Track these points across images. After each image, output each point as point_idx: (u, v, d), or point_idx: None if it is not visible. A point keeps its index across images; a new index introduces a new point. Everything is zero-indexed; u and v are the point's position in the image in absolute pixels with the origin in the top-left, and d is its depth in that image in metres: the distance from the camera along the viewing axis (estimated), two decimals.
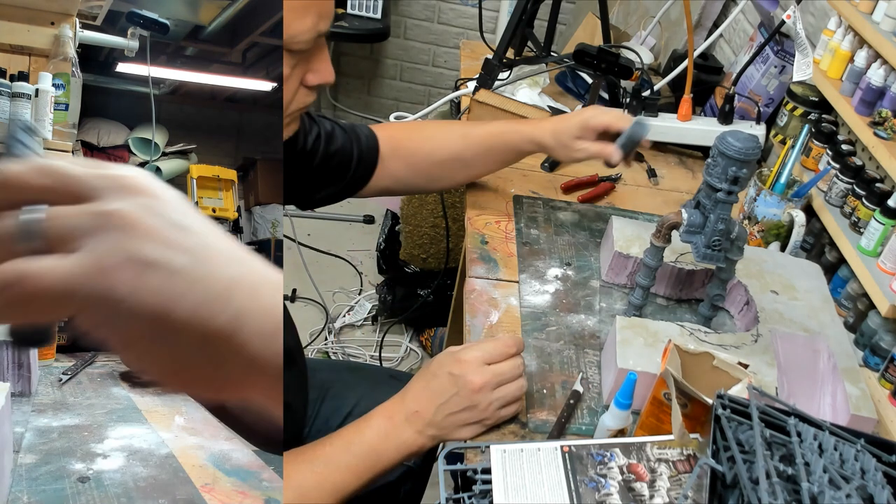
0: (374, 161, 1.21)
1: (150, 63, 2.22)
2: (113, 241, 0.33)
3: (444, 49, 3.24)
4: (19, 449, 0.73)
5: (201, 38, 3.12)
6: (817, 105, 1.45)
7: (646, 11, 2.03)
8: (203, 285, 0.34)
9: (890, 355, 1.08)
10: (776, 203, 1.30)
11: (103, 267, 0.33)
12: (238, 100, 4.17)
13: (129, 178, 0.36)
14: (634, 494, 0.70)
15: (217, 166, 3.75)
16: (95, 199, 0.35)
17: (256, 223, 4.02)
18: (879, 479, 0.62)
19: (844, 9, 1.32)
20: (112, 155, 3.76)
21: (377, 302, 2.52)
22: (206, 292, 0.34)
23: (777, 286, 1.15)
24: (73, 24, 1.92)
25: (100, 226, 0.34)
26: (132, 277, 0.33)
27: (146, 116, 3.16)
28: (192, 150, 3.96)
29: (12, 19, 1.85)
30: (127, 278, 0.33)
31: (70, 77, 1.88)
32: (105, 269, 0.33)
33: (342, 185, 1.20)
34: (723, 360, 0.86)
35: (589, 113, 1.16)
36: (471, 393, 0.87)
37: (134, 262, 0.33)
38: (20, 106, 1.78)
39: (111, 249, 0.33)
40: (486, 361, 0.89)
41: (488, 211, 1.33)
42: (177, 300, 0.33)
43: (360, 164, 1.20)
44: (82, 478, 0.67)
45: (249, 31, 2.96)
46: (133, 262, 0.33)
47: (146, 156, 3.75)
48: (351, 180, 1.20)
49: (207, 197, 3.63)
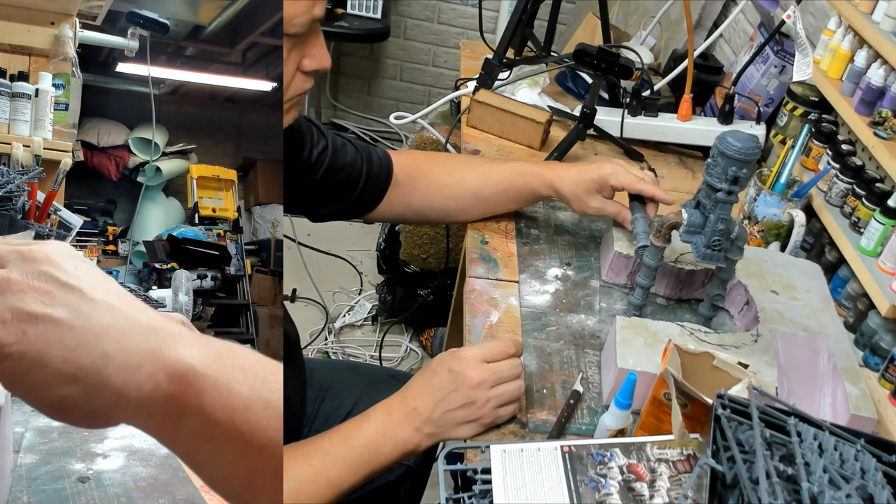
0: (385, 184, 1.20)
1: (150, 63, 2.22)
2: (2, 300, 0.42)
3: (444, 49, 3.24)
4: (19, 449, 0.73)
5: (201, 38, 3.13)
6: (817, 105, 1.45)
7: (646, 11, 2.03)
8: (77, 333, 0.42)
9: (890, 355, 1.08)
10: (776, 203, 1.30)
11: (19, 279, 0.42)
12: (238, 100, 4.17)
13: (34, 251, 0.44)
14: (634, 494, 0.70)
15: (217, 166, 3.75)
16: (2, 267, 0.44)
17: (256, 223, 4.02)
18: (879, 479, 0.62)
19: (844, 9, 1.32)
20: (112, 155, 3.76)
21: (377, 302, 2.52)
22: (79, 339, 0.42)
23: (777, 286, 1.15)
24: (73, 24, 1.92)
25: (16, 259, 0.44)
26: (17, 328, 0.41)
27: (146, 116, 3.17)
28: (192, 150, 3.97)
29: (12, 19, 1.85)
30: (13, 328, 0.41)
31: (70, 77, 1.88)
32: (21, 281, 0.42)
33: (347, 203, 1.18)
34: (723, 360, 0.86)
35: (608, 170, 1.15)
36: (469, 389, 0.88)
37: (19, 315, 0.41)
38: (20, 106, 1.78)
39: (31, 273, 0.43)
40: (485, 359, 0.90)
41: None
42: (53, 345, 0.41)
43: (369, 185, 1.18)
44: (82, 478, 0.67)
45: (249, 31, 2.96)
46: (18, 315, 0.41)
47: (146, 156, 3.75)
48: (358, 200, 1.19)
49: (207, 197, 3.63)
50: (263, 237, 3.92)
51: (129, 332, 0.43)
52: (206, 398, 0.42)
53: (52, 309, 0.42)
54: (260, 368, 0.44)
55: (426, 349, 2.45)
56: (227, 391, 0.42)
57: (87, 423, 0.44)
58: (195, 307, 2.91)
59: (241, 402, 0.42)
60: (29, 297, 0.42)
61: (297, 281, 2.65)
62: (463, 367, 0.89)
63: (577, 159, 1.55)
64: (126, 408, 0.42)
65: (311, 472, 0.86)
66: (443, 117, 2.09)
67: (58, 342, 0.41)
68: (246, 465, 0.42)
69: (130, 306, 0.45)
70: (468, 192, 1.23)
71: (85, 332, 0.42)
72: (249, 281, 3.51)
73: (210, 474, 0.45)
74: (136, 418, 0.43)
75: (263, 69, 3.46)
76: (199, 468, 0.45)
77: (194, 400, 0.42)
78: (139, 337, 0.43)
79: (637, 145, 1.60)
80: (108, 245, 3.49)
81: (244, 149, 4.37)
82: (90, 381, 0.41)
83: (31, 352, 0.41)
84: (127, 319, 0.44)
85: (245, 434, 0.42)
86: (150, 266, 3.20)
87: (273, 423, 0.42)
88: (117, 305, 0.44)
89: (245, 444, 0.41)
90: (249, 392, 0.42)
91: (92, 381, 0.41)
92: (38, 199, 1.60)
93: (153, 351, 0.43)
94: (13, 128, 1.78)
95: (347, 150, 1.16)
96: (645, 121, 1.59)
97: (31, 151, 1.76)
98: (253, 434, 0.42)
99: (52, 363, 0.41)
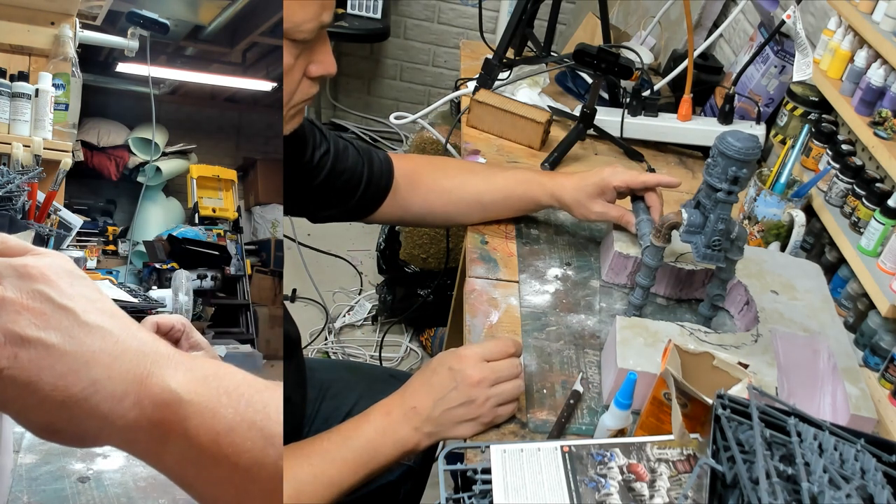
0: (386, 188, 1.20)
1: (150, 63, 2.22)
2: (25, 285, 0.43)
3: (444, 49, 3.24)
4: (19, 449, 0.73)
5: (201, 38, 3.13)
6: (817, 105, 1.45)
7: (646, 11, 2.03)
8: (68, 359, 0.42)
9: (890, 355, 1.08)
10: (776, 203, 1.30)
11: (12, 297, 0.42)
12: (238, 100, 4.17)
13: (30, 267, 0.44)
14: (634, 494, 0.70)
15: (217, 166, 3.75)
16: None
17: (256, 223, 4.02)
18: (879, 479, 0.62)
19: (844, 9, 1.32)
20: (112, 155, 3.76)
21: (377, 302, 2.52)
22: (69, 365, 0.42)
23: (777, 286, 1.15)
24: (73, 24, 1.93)
25: (12, 275, 0.43)
26: (9, 351, 0.41)
27: (146, 116, 3.17)
28: (192, 150, 3.96)
29: (12, 19, 1.85)
30: (5, 352, 0.41)
31: (70, 77, 1.88)
32: (13, 299, 0.42)
33: (348, 206, 1.18)
34: (723, 360, 0.86)
35: (607, 172, 1.16)
36: (468, 387, 0.88)
37: (12, 338, 0.41)
38: (20, 106, 1.78)
39: (25, 291, 0.43)
40: (484, 358, 0.90)
41: None
42: (44, 371, 0.41)
43: (369, 189, 1.18)
44: (82, 478, 0.67)
45: (249, 31, 2.96)
46: (11, 338, 0.41)
47: (146, 156, 3.75)
48: (358, 203, 1.19)
49: (207, 197, 3.63)
50: (263, 237, 3.92)
51: (118, 358, 0.43)
52: (189, 423, 0.42)
53: (45, 333, 0.42)
54: (245, 389, 0.44)
55: (426, 349, 2.45)
56: (210, 416, 0.42)
57: (73, 444, 0.44)
58: (195, 307, 2.91)
59: (225, 425, 0.42)
60: (23, 318, 0.42)
61: (297, 281, 2.65)
62: (463, 366, 0.89)
63: (577, 159, 1.55)
64: (112, 433, 0.43)
65: (311, 473, 0.86)
66: (443, 117, 2.09)
67: (49, 368, 0.41)
68: (234, 486, 0.42)
69: (123, 328, 0.45)
70: (468, 197, 1.22)
71: (76, 358, 0.42)
72: (249, 281, 3.51)
73: (200, 495, 0.45)
74: (122, 443, 0.44)
75: (263, 69, 3.46)
76: (189, 489, 0.45)
77: (178, 426, 0.42)
78: (128, 363, 0.44)
79: (637, 145, 1.60)
80: (108, 245, 3.49)
81: (244, 149, 4.37)
82: (78, 409, 0.42)
83: (21, 377, 0.41)
84: (117, 345, 0.44)
85: (230, 456, 0.42)
86: (150, 266, 3.20)
87: (258, 444, 0.42)
88: (109, 329, 0.44)
89: (231, 465, 0.42)
90: (234, 415, 0.42)
91: (80, 409, 0.42)
92: (38, 199, 1.60)
93: (140, 378, 0.43)
94: (13, 128, 1.78)
95: (349, 153, 1.16)
96: (645, 121, 1.59)
97: (31, 151, 1.76)
98: (238, 456, 0.42)
99: (41, 389, 0.41)
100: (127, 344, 0.44)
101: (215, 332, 3.06)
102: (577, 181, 1.17)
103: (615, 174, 1.15)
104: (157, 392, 0.43)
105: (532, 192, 1.21)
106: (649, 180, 1.14)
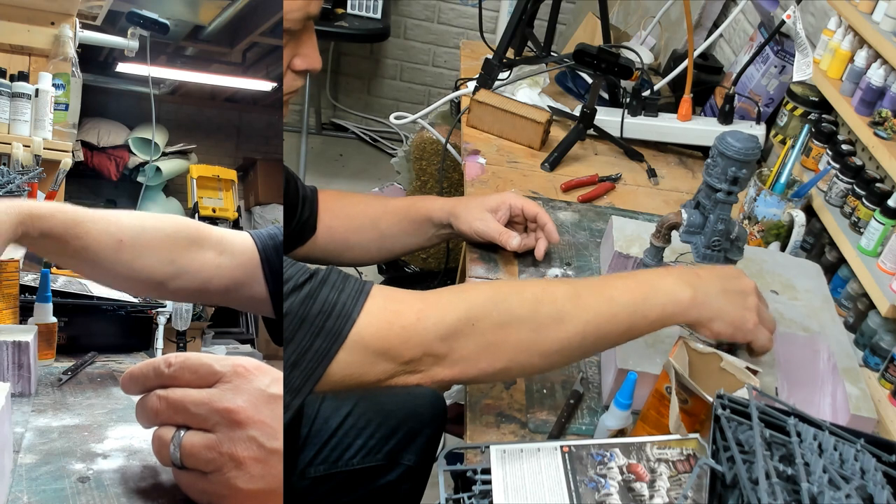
0: (313, 228, 1.19)
1: (150, 63, 2.22)
2: (239, 435, 0.51)
3: (444, 49, 3.24)
4: (19, 449, 0.73)
5: (201, 38, 3.12)
6: (817, 105, 1.45)
7: (646, 11, 2.03)
8: (271, 460, 0.52)
9: (890, 355, 1.08)
10: (776, 203, 1.30)
11: (234, 454, 0.52)
12: (238, 100, 4.17)
13: (235, 413, 0.52)
14: (634, 494, 0.70)
15: (217, 166, 3.74)
16: (217, 382, 0.53)
17: (256, 223, 4.01)
18: (879, 479, 0.62)
19: (844, 9, 1.32)
20: (112, 155, 3.76)
21: None
22: (268, 472, 0.52)
23: (777, 286, 1.15)
24: (73, 24, 1.93)
25: (223, 422, 0.53)
26: (253, 462, 0.53)
27: (146, 116, 3.17)
28: (192, 150, 3.96)
29: (12, 19, 1.85)
30: (252, 466, 0.53)
31: (70, 77, 1.89)
32: (236, 456, 0.51)
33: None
34: (730, 363, 0.86)
35: (510, 194, 1.19)
36: (751, 294, 0.89)
37: (233, 493, 0.50)
38: (20, 106, 1.78)
39: (241, 442, 0.51)
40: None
41: None
42: (262, 479, 0.51)
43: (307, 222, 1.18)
44: (82, 478, 0.67)
45: (249, 31, 2.96)
46: (232, 492, 0.50)
47: (146, 156, 3.75)
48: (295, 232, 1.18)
49: (207, 197, 3.63)
50: None
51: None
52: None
53: (266, 438, 0.51)
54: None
55: None
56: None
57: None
58: (195, 307, 2.91)
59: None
60: (243, 475, 0.51)
61: None
62: (750, 282, 0.90)
63: (577, 159, 1.55)
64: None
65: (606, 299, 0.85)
66: (443, 117, 2.09)
67: (261, 477, 0.51)
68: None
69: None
70: (367, 223, 1.20)
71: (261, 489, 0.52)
72: None
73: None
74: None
75: (263, 69, 3.45)
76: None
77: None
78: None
79: (637, 145, 1.60)
80: None
81: (244, 149, 4.37)
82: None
83: (247, 487, 0.51)
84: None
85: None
86: None
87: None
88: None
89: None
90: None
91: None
92: (39, 200, 1.60)
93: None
94: (13, 128, 1.78)
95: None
96: (645, 121, 1.59)
97: (31, 151, 1.76)
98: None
99: (251, 496, 0.52)
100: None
101: (215, 332, 3.06)
102: (475, 198, 1.20)
103: (517, 196, 1.19)
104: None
105: (425, 208, 1.19)
106: (541, 214, 1.18)
